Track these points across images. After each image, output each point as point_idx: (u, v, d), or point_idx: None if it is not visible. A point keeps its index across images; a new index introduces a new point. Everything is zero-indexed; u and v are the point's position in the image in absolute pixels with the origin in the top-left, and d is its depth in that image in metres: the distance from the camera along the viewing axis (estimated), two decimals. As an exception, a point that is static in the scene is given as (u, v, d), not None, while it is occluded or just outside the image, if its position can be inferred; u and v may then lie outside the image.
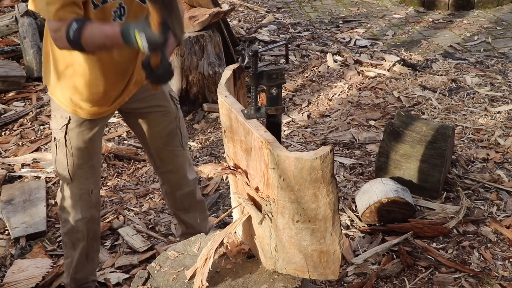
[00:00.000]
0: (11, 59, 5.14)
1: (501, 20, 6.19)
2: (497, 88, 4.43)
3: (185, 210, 2.58)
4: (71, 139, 2.16)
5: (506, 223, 2.85)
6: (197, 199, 2.61)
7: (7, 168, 3.64)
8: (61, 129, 2.15)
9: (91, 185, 2.27)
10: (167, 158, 2.40)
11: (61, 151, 2.18)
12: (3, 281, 2.67)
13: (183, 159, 2.45)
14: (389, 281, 2.53)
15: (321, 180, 1.41)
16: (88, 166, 2.24)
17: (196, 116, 4.30)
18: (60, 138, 2.16)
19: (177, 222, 2.72)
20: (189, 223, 2.61)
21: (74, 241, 2.38)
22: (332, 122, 4.03)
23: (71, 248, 2.41)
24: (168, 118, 2.32)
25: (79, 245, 2.38)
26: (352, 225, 2.94)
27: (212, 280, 1.65)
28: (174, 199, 2.55)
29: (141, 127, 2.33)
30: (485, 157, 3.44)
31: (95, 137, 2.22)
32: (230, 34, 5.09)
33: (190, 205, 2.58)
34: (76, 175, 2.22)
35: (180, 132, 2.38)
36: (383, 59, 5.03)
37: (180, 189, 2.49)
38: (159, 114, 2.29)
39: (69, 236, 2.38)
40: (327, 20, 6.50)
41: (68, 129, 2.14)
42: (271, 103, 1.61)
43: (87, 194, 2.27)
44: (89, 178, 2.26)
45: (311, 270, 1.57)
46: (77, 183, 2.24)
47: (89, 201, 2.30)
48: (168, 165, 2.41)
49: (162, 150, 2.37)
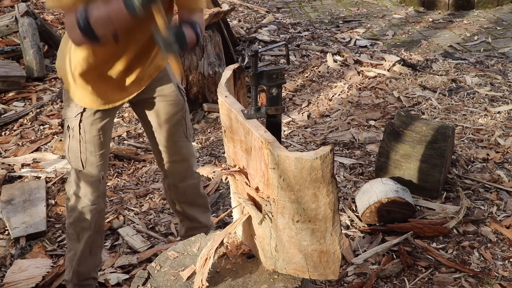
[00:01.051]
0: (11, 59, 5.14)
1: (501, 20, 6.19)
2: (497, 88, 4.43)
3: (188, 203, 2.58)
4: (85, 127, 2.22)
5: (506, 223, 2.85)
6: (201, 193, 2.62)
7: (7, 168, 3.64)
8: (75, 117, 2.22)
9: (102, 172, 2.34)
10: (172, 148, 2.43)
11: (75, 138, 2.24)
12: (3, 281, 2.67)
13: (188, 151, 2.48)
14: (389, 281, 2.53)
15: (321, 180, 1.41)
16: (100, 154, 2.29)
17: (196, 116, 4.30)
18: (75, 126, 2.23)
19: (179, 219, 2.70)
20: (193, 217, 2.62)
21: (79, 232, 2.40)
22: (332, 122, 4.03)
23: (75, 240, 2.42)
24: (175, 108, 2.36)
25: (84, 235, 2.40)
26: (352, 225, 2.94)
27: (212, 280, 1.65)
28: (178, 191, 2.55)
29: (148, 116, 2.38)
30: (485, 157, 3.44)
31: (106, 126, 2.28)
32: (230, 34, 5.10)
33: (194, 198, 2.59)
34: (88, 161, 2.28)
35: (185, 123, 2.42)
36: (383, 59, 5.03)
37: (184, 180, 2.51)
38: (166, 104, 2.34)
39: (75, 226, 2.40)
40: (327, 20, 6.50)
41: (83, 117, 2.21)
42: (271, 103, 1.61)
43: (98, 180, 2.32)
44: (99, 166, 2.31)
45: (311, 270, 1.57)
46: (88, 170, 2.29)
47: (99, 189, 2.35)
48: (173, 155, 2.45)
49: (167, 140, 2.41)
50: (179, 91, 2.38)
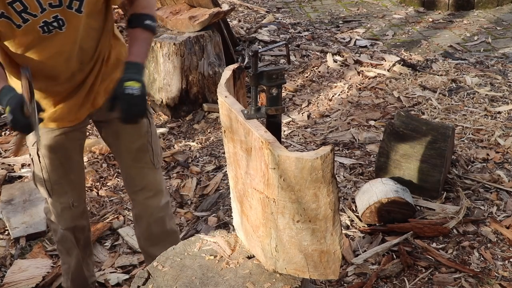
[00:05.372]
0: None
1: (501, 20, 6.19)
2: (497, 88, 4.43)
3: (151, 240, 2.33)
4: (44, 156, 2.08)
5: (506, 223, 2.85)
6: (168, 230, 2.35)
7: (7, 168, 3.64)
8: (33, 146, 2.09)
9: (71, 199, 2.19)
10: (136, 176, 2.22)
11: (36, 167, 2.12)
12: (3, 281, 2.67)
13: (154, 179, 2.25)
14: (389, 281, 2.53)
15: (321, 180, 1.41)
16: (66, 181, 2.15)
17: (196, 116, 4.30)
18: (34, 154, 2.10)
19: (144, 257, 2.48)
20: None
21: (67, 249, 2.35)
22: (332, 122, 4.03)
23: (66, 254, 2.38)
24: (138, 131, 2.14)
25: (73, 252, 2.35)
26: (352, 225, 2.94)
27: (212, 280, 1.65)
28: (141, 224, 2.33)
29: (111, 139, 2.20)
30: (485, 157, 3.44)
31: (69, 152, 2.12)
32: (230, 34, 5.09)
33: (158, 235, 2.32)
34: (54, 190, 2.15)
35: (152, 148, 2.20)
36: (383, 59, 5.03)
37: (148, 213, 2.28)
38: (129, 126, 2.05)
39: (61, 243, 2.35)
40: (327, 20, 6.50)
41: (39, 145, 2.06)
42: (271, 103, 1.60)
43: (68, 207, 2.20)
44: (68, 193, 2.18)
45: (311, 270, 1.57)
46: (56, 198, 2.17)
47: (72, 214, 2.23)
48: (137, 183, 2.23)
49: (131, 167, 2.21)
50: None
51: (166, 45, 4.10)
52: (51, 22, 1.78)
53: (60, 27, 1.81)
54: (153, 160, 2.21)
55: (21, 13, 1.72)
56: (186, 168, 3.63)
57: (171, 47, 4.10)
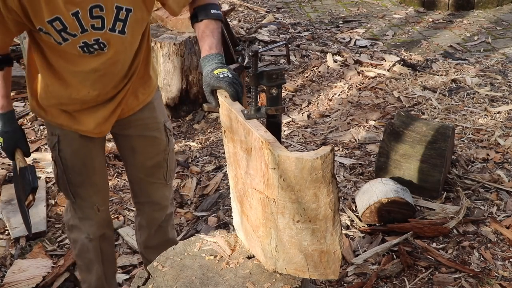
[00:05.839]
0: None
1: (501, 20, 6.19)
2: (497, 88, 4.43)
3: (152, 249, 2.32)
4: (66, 158, 2.05)
5: (506, 223, 2.85)
6: (169, 238, 2.37)
7: (7, 168, 3.64)
8: (53, 148, 2.06)
9: (96, 203, 2.15)
10: (146, 190, 2.23)
11: (59, 169, 2.08)
12: (3, 281, 2.67)
13: (163, 194, 2.27)
14: (389, 281, 2.53)
15: (321, 180, 1.41)
16: (90, 184, 2.11)
17: (196, 116, 4.30)
18: (55, 157, 2.06)
19: (144, 263, 2.47)
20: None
21: (88, 263, 2.25)
22: (332, 122, 4.03)
23: (85, 271, 2.28)
24: (155, 149, 2.15)
25: (93, 267, 2.25)
26: (352, 225, 2.94)
27: (212, 280, 1.65)
28: (144, 233, 2.35)
29: (126, 153, 2.19)
30: (485, 157, 3.44)
31: (92, 154, 2.09)
32: (230, 34, 5.09)
33: (160, 244, 2.32)
34: (77, 193, 2.11)
35: (167, 165, 2.21)
36: (383, 59, 5.03)
37: (153, 224, 2.31)
38: (147, 144, 2.12)
39: (81, 258, 2.26)
40: (327, 20, 6.50)
41: (60, 147, 2.04)
42: (271, 103, 1.60)
43: (93, 212, 2.15)
44: (93, 197, 2.13)
45: (311, 270, 1.57)
46: (80, 201, 2.13)
47: (98, 220, 2.18)
48: (146, 197, 2.25)
49: (142, 181, 2.21)
50: (164, 130, 2.17)
51: (166, 45, 4.10)
52: (91, 44, 1.76)
53: (101, 49, 1.80)
54: (165, 176, 2.22)
55: (60, 32, 1.71)
56: (186, 168, 3.63)
57: (171, 47, 4.10)
